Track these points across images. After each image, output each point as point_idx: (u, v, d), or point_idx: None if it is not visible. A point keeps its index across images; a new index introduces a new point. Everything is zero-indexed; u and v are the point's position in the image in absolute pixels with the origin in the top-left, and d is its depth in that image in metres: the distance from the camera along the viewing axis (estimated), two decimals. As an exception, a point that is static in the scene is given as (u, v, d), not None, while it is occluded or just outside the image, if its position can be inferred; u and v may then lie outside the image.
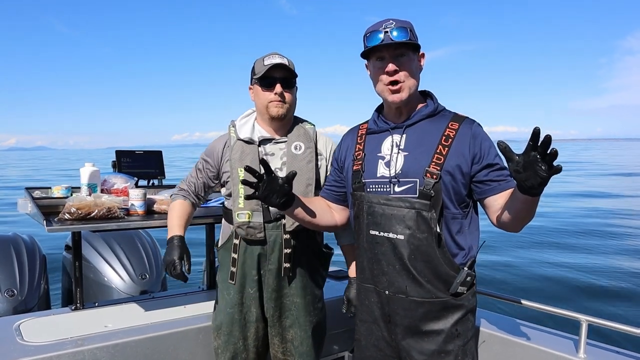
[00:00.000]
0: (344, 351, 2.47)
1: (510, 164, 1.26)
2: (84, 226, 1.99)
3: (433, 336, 1.51)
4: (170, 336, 2.03)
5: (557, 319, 2.01)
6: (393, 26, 1.48)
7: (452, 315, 1.51)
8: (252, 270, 1.89)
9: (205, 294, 2.61)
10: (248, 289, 1.91)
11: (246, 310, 1.93)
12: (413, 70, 1.53)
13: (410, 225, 1.48)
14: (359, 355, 1.70)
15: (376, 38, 1.49)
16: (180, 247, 1.83)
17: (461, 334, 1.52)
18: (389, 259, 1.53)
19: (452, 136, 1.49)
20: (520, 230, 1.48)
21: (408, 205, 1.48)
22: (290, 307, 1.91)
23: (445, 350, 1.51)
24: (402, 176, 1.51)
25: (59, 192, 2.38)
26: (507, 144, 1.25)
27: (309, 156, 1.86)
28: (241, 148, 1.87)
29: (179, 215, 1.94)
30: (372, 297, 1.61)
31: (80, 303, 2.27)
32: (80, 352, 1.81)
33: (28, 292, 2.89)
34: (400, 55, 1.51)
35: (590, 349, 1.84)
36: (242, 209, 1.83)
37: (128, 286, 3.17)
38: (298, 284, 1.90)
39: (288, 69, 1.82)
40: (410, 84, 1.53)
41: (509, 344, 1.97)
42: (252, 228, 1.84)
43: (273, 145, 1.89)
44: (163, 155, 3.03)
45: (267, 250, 1.86)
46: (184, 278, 1.82)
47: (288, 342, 1.93)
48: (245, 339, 1.93)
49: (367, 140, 1.65)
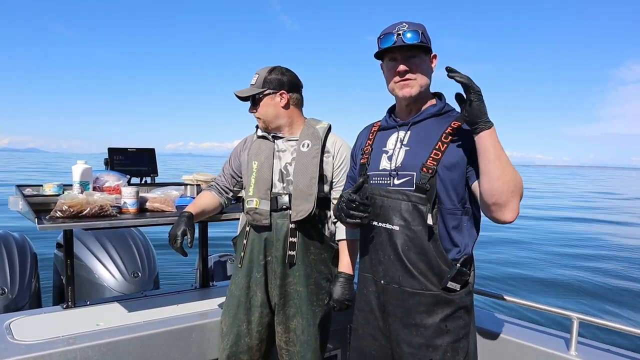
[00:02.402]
0: (337, 349, 2.48)
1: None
2: (76, 224, 1.98)
3: (422, 329, 1.53)
4: (163, 335, 2.02)
5: (549, 316, 2.02)
6: (406, 29, 1.54)
7: (442, 310, 1.52)
8: (260, 255, 2.01)
9: (198, 293, 2.61)
10: (255, 274, 2.02)
11: (252, 294, 2.03)
12: (424, 70, 1.59)
13: (406, 217, 1.54)
14: (356, 344, 1.73)
15: (389, 40, 1.55)
16: (186, 222, 1.95)
17: (451, 330, 1.53)
18: (385, 249, 1.59)
19: (453, 133, 1.53)
20: (502, 212, 1.40)
21: (405, 198, 1.54)
22: (294, 295, 1.99)
23: (433, 344, 1.52)
24: (401, 169, 1.58)
25: (50, 190, 2.36)
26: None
27: (314, 152, 1.99)
28: (259, 145, 2.08)
29: (198, 199, 2.20)
30: (370, 287, 1.66)
31: (71, 301, 2.26)
32: (71, 350, 1.80)
33: (19, 291, 2.87)
34: (412, 57, 1.57)
35: (581, 346, 1.86)
36: (251, 196, 2.00)
37: (120, 284, 3.15)
38: (301, 272, 1.98)
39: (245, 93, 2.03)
40: (421, 82, 1.58)
41: (501, 341, 1.98)
42: (258, 214, 1.98)
43: (285, 143, 2.06)
44: (156, 153, 3.02)
45: (274, 237, 1.99)
46: (183, 252, 1.93)
47: (291, 332, 1.99)
48: (249, 323, 2.02)
49: (377, 136, 1.73)
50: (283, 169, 2.00)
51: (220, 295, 2.46)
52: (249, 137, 2.17)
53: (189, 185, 2.74)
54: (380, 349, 1.64)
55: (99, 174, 2.41)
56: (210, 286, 2.75)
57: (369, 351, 1.67)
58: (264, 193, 1.98)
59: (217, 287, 2.76)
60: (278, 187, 1.99)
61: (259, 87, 2.02)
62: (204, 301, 2.46)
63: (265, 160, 2.01)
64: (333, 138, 2.07)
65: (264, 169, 2.00)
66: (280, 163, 2.01)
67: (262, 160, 2.01)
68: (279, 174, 2.00)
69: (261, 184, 1.98)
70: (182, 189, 2.71)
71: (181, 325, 2.08)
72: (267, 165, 2.00)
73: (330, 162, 2.03)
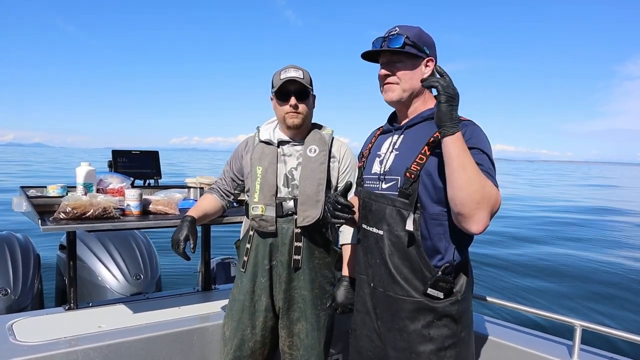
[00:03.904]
0: (338, 354, 2.47)
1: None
2: (79, 226, 1.98)
3: (405, 335, 1.52)
4: (164, 337, 2.02)
5: (552, 324, 2.01)
6: (395, 33, 1.56)
7: (424, 317, 1.49)
8: (264, 260, 1.99)
9: (200, 295, 2.61)
10: (260, 278, 2.00)
11: (257, 298, 2.01)
12: (409, 75, 1.57)
13: (390, 222, 1.54)
14: (354, 345, 1.73)
15: (377, 44, 1.59)
16: (188, 227, 1.93)
17: (434, 338, 1.49)
18: (373, 253, 1.60)
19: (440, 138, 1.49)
20: (467, 223, 1.34)
21: (390, 203, 1.54)
22: (298, 299, 1.99)
23: (415, 351, 1.50)
24: (388, 174, 1.58)
25: (54, 192, 2.37)
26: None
27: (321, 158, 1.97)
28: (262, 149, 2.03)
29: (200, 202, 2.16)
30: (365, 288, 1.66)
31: (74, 303, 2.26)
32: (73, 352, 1.81)
33: (21, 292, 2.88)
34: (397, 62, 1.57)
35: (584, 354, 1.85)
36: (257, 203, 1.97)
37: (122, 286, 3.16)
38: (306, 277, 1.98)
39: (301, 82, 1.93)
40: (404, 86, 1.57)
41: (503, 348, 1.97)
42: (264, 221, 1.96)
43: (290, 147, 2.03)
44: (159, 156, 3.03)
45: (279, 242, 1.98)
46: (186, 257, 1.91)
47: (295, 336, 1.99)
48: (254, 327, 2.01)
49: (378, 140, 1.74)
50: (288, 173, 1.98)
51: (223, 299, 2.47)
52: (249, 139, 2.13)
53: (192, 188, 2.74)
54: (375, 350, 1.64)
55: (103, 176, 2.42)
56: (212, 289, 2.76)
57: (365, 352, 1.67)
58: (269, 199, 1.96)
59: (220, 290, 2.77)
60: (283, 192, 1.97)
61: (308, 83, 1.96)
62: (206, 304, 2.46)
63: (269, 165, 1.98)
64: (338, 143, 2.07)
65: (268, 174, 1.97)
66: (285, 167, 1.99)
67: (266, 165, 1.99)
68: (283, 178, 1.98)
69: (266, 190, 1.96)
70: (185, 191, 2.72)
71: (183, 328, 2.08)
72: (271, 170, 1.97)
73: (336, 167, 2.03)
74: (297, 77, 1.92)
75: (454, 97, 1.35)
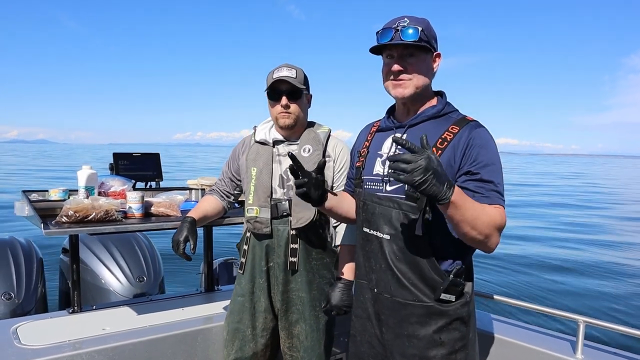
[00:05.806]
0: (342, 353, 2.48)
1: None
2: (82, 229, 1.99)
3: (415, 341, 1.47)
4: (168, 339, 2.02)
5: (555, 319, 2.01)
6: (406, 24, 1.46)
7: (436, 322, 1.45)
8: (261, 262, 1.99)
9: (203, 297, 2.61)
10: (258, 279, 2.01)
11: (256, 299, 2.01)
12: (422, 70, 1.50)
13: (397, 226, 1.47)
14: (354, 351, 1.69)
15: (387, 36, 1.47)
16: (188, 228, 1.93)
17: (445, 342, 1.46)
18: (377, 258, 1.53)
19: (448, 140, 1.45)
20: (481, 247, 1.39)
21: (396, 206, 1.47)
22: (296, 301, 1.98)
23: (426, 356, 1.46)
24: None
25: (56, 195, 2.37)
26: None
27: (315, 158, 1.94)
28: (257, 149, 2.03)
29: (200, 203, 2.14)
30: (366, 294, 1.61)
31: (77, 306, 2.26)
32: (77, 355, 1.81)
33: (25, 295, 2.88)
34: (409, 56, 1.49)
35: (588, 349, 1.85)
36: (252, 205, 1.97)
37: (125, 289, 3.16)
38: (304, 278, 1.96)
39: (292, 82, 1.89)
40: (417, 83, 1.49)
41: (506, 344, 1.97)
42: (259, 222, 1.96)
43: (285, 147, 2.01)
44: (160, 158, 3.03)
45: (275, 243, 1.97)
46: (187, 257, 1.90)
47: (294, 338, 1.98)
48: (254, 328, 2.01)
49: (375, 137, 1.65)
50: (284, 174, 1.96)
51: (226, 299, 2.47)
52: (246, 139, 2.12)
53: (194, 190, 2.75)
54: (377, 356, 1.60)
55: (104, 179, 2.43)
56: (215, 290, 2.76)
57: (366, 357, 1.63)
58: (264, 201, 1.95)
59: (223, 291, 2.77)
60: (278, 192, 1.96)
61: (301, 83, 1.93)
62: (210, 305, 2.46)
63: (264, 166, 1.97)
64: (334, 142, 2.04)
65: (263, 175, 1.96)
66: (280, 168, 1.97)
67: (261, 166, 1.97)
68: (279, 179, 1.96)
69: (261, 192, 1.95)
70: (186, 193, 2.72)
71: (187, 329, 2.09)
72: (266, 171, 1.96)
73: (331, 166, 2.00)
74: (288, 77, 1.89)
75: (426, 181, 1.19)
